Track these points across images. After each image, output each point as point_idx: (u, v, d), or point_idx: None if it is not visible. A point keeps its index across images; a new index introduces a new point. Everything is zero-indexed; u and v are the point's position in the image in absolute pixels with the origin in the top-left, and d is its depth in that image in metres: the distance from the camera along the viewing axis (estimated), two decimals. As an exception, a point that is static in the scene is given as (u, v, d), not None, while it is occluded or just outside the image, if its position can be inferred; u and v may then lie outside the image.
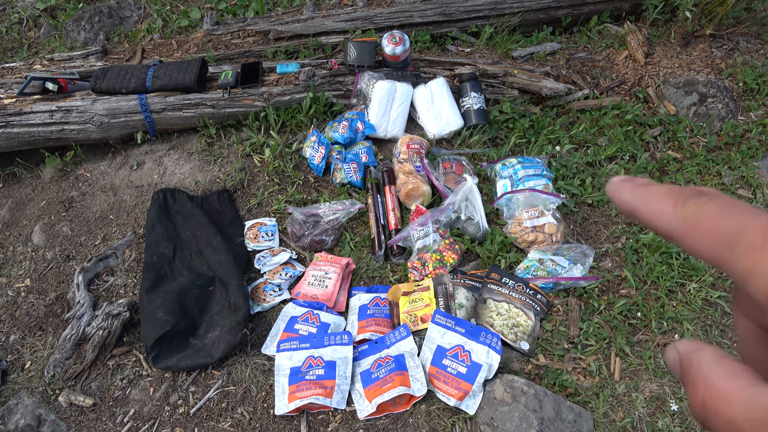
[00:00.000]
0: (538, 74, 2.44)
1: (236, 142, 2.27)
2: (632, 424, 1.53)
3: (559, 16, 2.67)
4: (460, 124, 2.23)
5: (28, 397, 1.63)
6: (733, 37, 2.60)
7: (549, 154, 2.18)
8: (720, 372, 0.21)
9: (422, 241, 1.84)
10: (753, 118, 2.36)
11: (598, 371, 1.63)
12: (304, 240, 1.94)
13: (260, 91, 2.24)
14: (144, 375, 1.68)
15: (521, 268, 1.81)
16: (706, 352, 0.22)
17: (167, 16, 2.90)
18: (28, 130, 2.20)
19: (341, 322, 1.75)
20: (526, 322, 1.68)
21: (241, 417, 1.56)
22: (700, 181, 2.14)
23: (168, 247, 1.95)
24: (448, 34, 2.63)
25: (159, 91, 2.25)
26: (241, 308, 1.69)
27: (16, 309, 1.90)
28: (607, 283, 1.83)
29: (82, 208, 2.19)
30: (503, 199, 1.95)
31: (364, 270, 1.89)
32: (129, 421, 1.58)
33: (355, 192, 2.10)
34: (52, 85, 2.23)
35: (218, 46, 2.62)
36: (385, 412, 1.52)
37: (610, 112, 2.34)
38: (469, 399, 1.49)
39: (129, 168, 2.28)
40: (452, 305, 1.70)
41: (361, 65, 2.31)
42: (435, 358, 1.57)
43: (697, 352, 0.23)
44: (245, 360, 1.67)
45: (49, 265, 2.02)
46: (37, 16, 3.04)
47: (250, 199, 2.13)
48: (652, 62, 2.55)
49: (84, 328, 1.73)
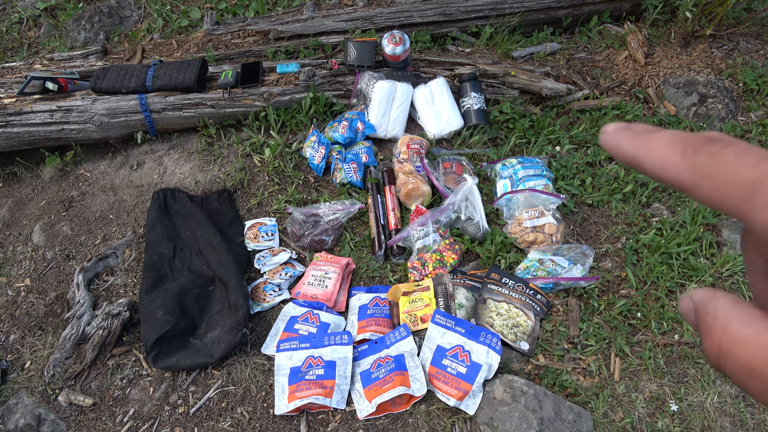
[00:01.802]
0: (538, 74, 2.44)
1: (236, 142, 2.27)
2: (632, 424, 1.53)
3: (560, 16, 2.67)
4: (460, 124, 2.23)
5: (28, 396, 1.63)
6: (733, 37, 2.60)
7: (549, 154, 2.18)
8: (737, 318, 0.21)
9: (422, 241, 1.84)
10: (753, 119, 2.36)
11: (597, 371, 1.63)
12: (304, 240, 1.94)
13: (260, 91, 2.24)
14: (144, 375, 1.68)
15: (521, 269, 1.81)
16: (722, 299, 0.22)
17: (167, 16, 2.90)
18: (28, 129, 2.20)
19: (341, 322, 1.75)
20: (526, 322, 1.68)
21: (241, 417, 1.56)
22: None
23: (168, 247, 1.95)
24: (448, 34, 2.63)
25: (159, 90, 2.25)
26: (241, 308, 1.69)
27: (16, 309, 1.90)
28: (607, 283, 1.83)
29: (82, 208, 2.19)
30: (503, 199, 1.95)
31: (364, 270, 1.89)
32: (129, 421, 1.58)
33: (355, 192, 2.10)
34: (52, 84, 2.23)
35: (218, 46, 2.62)
36: (384, 412, 1.52)
37: (610, 113, 2.34)
38: (468, 399, 1.49)
39: (129, 168, 2.29)
40: (452, 305, 1.70)
41: (361, 65, 2.31)
42: (435, 358, 1.57)
43: (713, 300, 0.22)
44: (245, 360, 1.67)
45: (49, 264, 2.02)
46: (37, 16, 3.04)
47: (250, 199, 2.13)
48: (652, 62, 2.55)
49: (84, 328, 1.73)
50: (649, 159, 0.23)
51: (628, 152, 0.24)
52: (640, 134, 0.24)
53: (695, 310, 0.23)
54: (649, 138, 0.23)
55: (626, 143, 0.24)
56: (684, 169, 0.22)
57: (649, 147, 0.23)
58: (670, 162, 0.22)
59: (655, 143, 0.23)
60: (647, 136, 0.24)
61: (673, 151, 0.22)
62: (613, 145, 0.25)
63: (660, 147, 0.23)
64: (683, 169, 0.22)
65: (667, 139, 0.23)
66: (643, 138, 0.24)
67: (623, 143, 0.24)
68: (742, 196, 0.20)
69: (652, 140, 0.23)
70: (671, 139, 0.23)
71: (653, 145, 0.23)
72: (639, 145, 0.24)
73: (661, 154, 0.23)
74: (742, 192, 0.20)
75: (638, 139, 0.24)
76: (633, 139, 0.24)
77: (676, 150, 0.22)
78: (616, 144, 0.25)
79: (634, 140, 0.24)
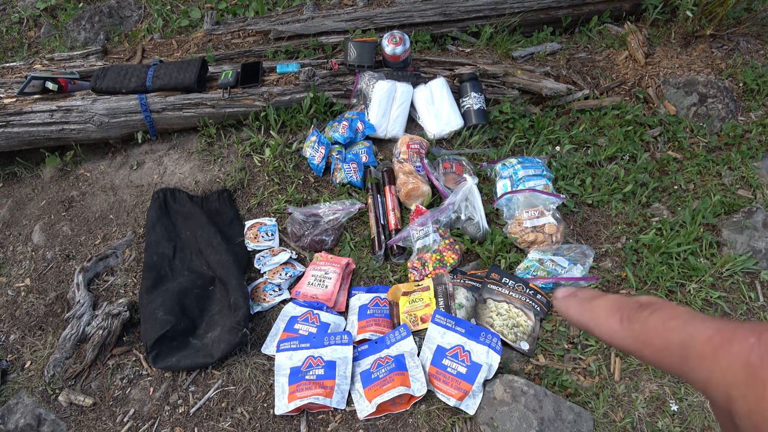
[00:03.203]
0: (539, 74, 2.44)
1: (236, 142, 2.27)
2: (632, 424, 1.52)
3: (560, 16, 2.67)
4: (460, 124, 2.23)
5: (28, 396, 1.63)
6: (733, 37, 2.60)
7: (549, 154, 2.18)
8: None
9: (422, 241, 1.84)
10: (753, 119, 2.36)
11: (598, 371, 1.63)
12: (304, 240, 1.94)
13: (260, 91, 2.24)
14: (144, 375, 1.68)
15: (521, 268, 1.81)
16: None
17: (167, 16, 2.90)
18: (28, 129, 2.20)
19: (341, 322, 1.75)
20: (526, 322, 1.68)
21: (241, 417, 1.56)
22: (700, 181, 2.14)
23: (168, 247, 1.95)
24: (448, 34, 2.63)
25: (159, 90, 2.25)
26: (241, 308, 1.69)
27: (16, 308, 1.90)
28: (607, 283, 1.83)
29: (82, 208, 2.19)
30: (503, 199, 1.95)
31: (364, 270, 1.89)
32: (129, 421, 1.58)
33: (355, 192, 2.10)
34: (52, 84, 2.23)
35: (218, 46, 2.62)
36: (384, 412, 1.52)
37: (610, 113, 2.34)
38: (468, 399, 1.49)
39: (129, 168, 2.28)
40: (452, 305, 1.70)
41: (361, 65, 2.30)
42: (435, 358, 1.57)
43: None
44: (245, 360, 1.67)
45: (49, 264, 2.02)
46: (37, 16, 3.04)
47: (250, 198, 2.13)
48: (653, 62, 2.55)
49: (84, 328, 1.73)
50: (596, 328, 0.25)
51: (578, 321, 0.26)
52: (584, 302, 0.26)
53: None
54: (591, 306, 0.25)
55: (573, 311, 0.26)
56: (625, 336, 0.23)
57: (593, 315, 0.25)
58: (613, 330, 0.24)
59: (596, 311, 0.25)
60: (590, 303, 0.25)
61: (612, 318, 0.24)
62: (563, 311, 0.27)
63: (601, 316, 0.24)
64: (625, 336, 0.23)
65: (607, 307, 0.24)
66: (587, 306, 0.25)
67: (571, 311, 0.26)
68: (677, 361, 0.21)
69: (594, 308, 0.25)
70: (610, 306, 0.24)
71: (595, 314, 0.25)
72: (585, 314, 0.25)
73: (603, 323, 0.24)
74: (677, 357, 0.21)
75: (583, 308, 0.26)
76: (579, 306, 0.26)
77: (615, 317, 0.24)
78: (566, 310, 0.27)
79: (580, 308, 0.26)
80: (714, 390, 0.20)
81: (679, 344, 0.21)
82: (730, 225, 1.93)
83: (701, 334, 0.20)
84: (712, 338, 0.20)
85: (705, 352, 0.20)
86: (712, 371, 0.19)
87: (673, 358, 0.21)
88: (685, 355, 0.21)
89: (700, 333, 0.20)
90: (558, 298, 0.27)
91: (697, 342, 0.20)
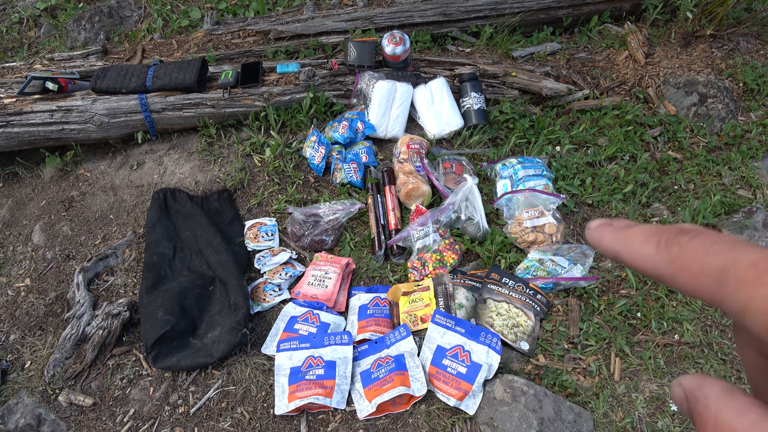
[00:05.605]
0: (539, 74, 2.44)
1: (236, 142, 2.27)
2: (632, 424, 1.52)
3: (560, 16, 2.67)
4: (460, 124, 2.23)
5: (28, 396, 1.63)
6: (733, 37, 2.60)
7: (549, 154, 2.18)
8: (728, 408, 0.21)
9: (422, 241, 1.84)
10: (753, 119, 2.36)
11: (598, 371, 1.63)
12: (304, 240, 1.94)
13: (260, 91, 2.24)
14: (144, 375, 1.68)
15: (521, 268, 1.81)
16: (712, 387, 0.22)
17: (167, 16, 2.90)
18: (28, 129, 2.20)
19: (341, 322, 1.75)
20: (526, 322, 1.68)
21: (241, 417, 1.56)
22: (700, 181, 2.14)
23: (168, 247, 1.95)
24: (448, 34, 2.63)
25: (159, 90, 2.25)
26: (241, 308, 1.69)
27: (16, 308, 1.90)
28: (607, 283, 1.83)
29: (82, 208, 2.19)
30: (503, 199, 1.95)
31: (364, 270, 1.89)
32: (129, 421, 1.58)
33: (355, 192, 2.10)
34: (53, 84, 2.23)
35: (218, 46, 2.62)
36: (385, 412, 1.52)
37: (610, 113, 2.34)
38: (468, 399, 1.49)
39: (129, 168, 2.28)
40: (452, 305, 1.70)
41: (361, 65, 2.30)
42: (435, 358, 1.57)
43: (702, 388, 0.22)
44: (245, 360, 1.67)
45: (49, 264, 2.02)
46: (37, 16, 3.04)
47: (250, 199, 2.13)
48: (653, 62, 2.55)
49: (84, 328, 1.73)
50: (628, 253, 0.24)
51: (610, 247, 0.25)
52: (619, 230, 0.25)
53: (687, 399, 0.23)
54: (627, 233, 0.25)
55: (607, 239, 0.26)
56: (660, 260, 0.23)
57: (628, 242, 0.25)
58: (647, 255, 0.23)
59: (632, 237, 0.24)
60: (625, 231, 0.25)
61: (649, 244, 0.23)
62: (596, 240, 0.26)
63: (637, 241, 0.24)
64: (659, 261, 0.23)
65: (643, 233, 0.24)
66: (622, 233, 0.25)
67: (605, 239, 0.26)
68: (714, 285, 0.21)
69: (629, 235, 0.25)
70: (647, 233, 0.24)
71: (631, 240, 0.24)
72: (619, 240, 0.25)
73: (638, 248, 0.24)
74: (714, 281, 0.20)
75: (618, 235, 0.25)
76: (613, 234, 0.25)
77: (651, 242, 0.23)
78: (599, 239, 0.26)
79: (613, 235, 0.25)
80: (751, 317, 0.19)
81: (719, 268, 0.20)
82: (730, 225, 1.93)
83: (745, 259, 0.20)
84: (757, 264, 0.19)
85: (746, 277, 0.19)
86: (751, 297, 0.19)
87: (709, 283, 0.21)
88: (723, 279, 0.20)
89: (744, 258, 0.20)
90: (591, 228, 0.27)
91: (739, 266, 0.20)
